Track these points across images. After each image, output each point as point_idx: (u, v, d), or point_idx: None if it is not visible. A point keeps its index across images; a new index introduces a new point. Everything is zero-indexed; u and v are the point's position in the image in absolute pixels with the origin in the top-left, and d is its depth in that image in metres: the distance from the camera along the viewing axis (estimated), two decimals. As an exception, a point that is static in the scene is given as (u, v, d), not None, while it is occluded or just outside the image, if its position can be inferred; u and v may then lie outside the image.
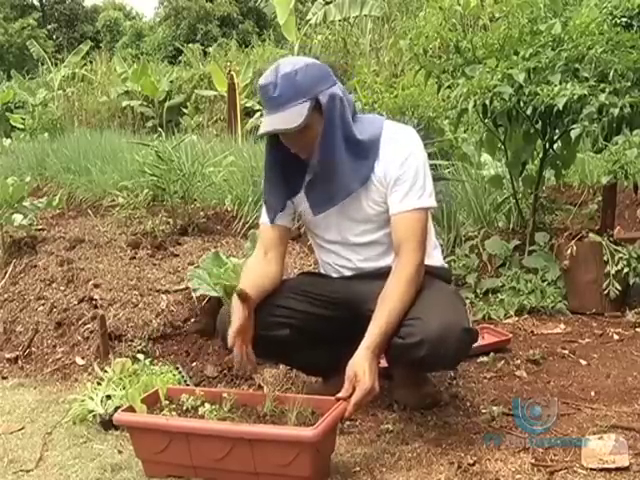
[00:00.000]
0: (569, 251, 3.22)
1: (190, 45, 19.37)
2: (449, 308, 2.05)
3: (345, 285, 2.27)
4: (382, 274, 2.15)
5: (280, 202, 2.24)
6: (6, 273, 4.04)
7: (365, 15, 12.03)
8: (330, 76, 2.12)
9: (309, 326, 2.22)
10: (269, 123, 2.07)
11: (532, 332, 3.03)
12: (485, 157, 4.52)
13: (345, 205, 2.18)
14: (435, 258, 2.29)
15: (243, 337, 2.08)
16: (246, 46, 18.09)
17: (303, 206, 2.27)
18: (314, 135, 2.09)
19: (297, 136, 2.09)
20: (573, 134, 3.38)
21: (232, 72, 10.95)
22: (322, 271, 2.42)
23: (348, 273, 2.30)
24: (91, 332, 3.09)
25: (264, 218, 2.32)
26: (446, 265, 2.43)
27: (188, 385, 2.58)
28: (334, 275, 2.34)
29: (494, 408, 2.23)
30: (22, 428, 2.47)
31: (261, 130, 2.10)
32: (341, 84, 2.16)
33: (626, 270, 3.12)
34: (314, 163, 2.13)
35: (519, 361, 2.68)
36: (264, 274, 2.24)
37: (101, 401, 2.38)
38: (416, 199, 2.13)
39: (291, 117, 2.03)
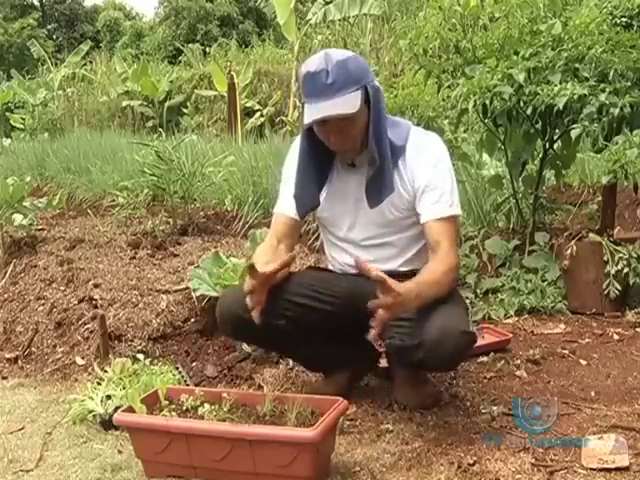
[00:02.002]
0: (569, 251, 3.21)
1: (190, 45, 19.40)
2: (449, 311, 2.03)
3: (350, 281, 2.27)
4: (389, 273, 2.14)
5: (315, 198, 2.22)
6: (6, 273, 4.04)
7: (365, 14, 12.01)
8: (370, 69, 2.12)
9: (307, 320, 2.20)
10: (321, 110, 2.00)
11: (532, 332, 3.03)
12: (485, 157, 4.52)
13: (365, 207, 2.18)
14: None
15: (258, 298, 2.05)
16: (246, 46, 18.11)
17: (320, 202, 2.26)
18: (361, 126, 2.07)
19: (346, 126, 2.05)
20: (573, 134, 3.38)
21: (232, 72, 10.95)
22: (330, 267, 2.42)
23: (354, 271, 2.29)
24: (91, 332, 3.09)
25: (281, 208, 2.30)
26: None
27: (188, 385, 2.58)
28: (339, 272, 2.34)
29: (494, 408, 2.23)
30: (22, 428, 2.47)
31: (312, 117, 2.01)
32: None
33: (626, 270, 3.12)
34: (374, 157, 2.08)
35: (519, 361, 2.68)
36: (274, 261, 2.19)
37: (101, 401, 2.37)
38: (447, 207, 2.13)
39: (346, 103, 1.99)
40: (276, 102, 11.78)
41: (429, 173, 2.13)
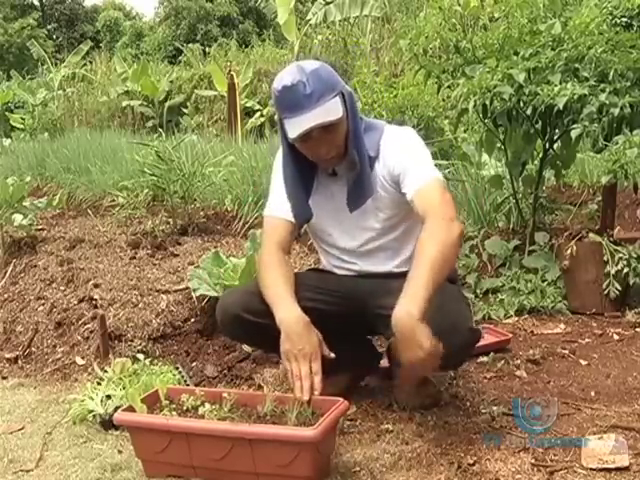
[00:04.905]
0: (569, 251, 3.22)
1: (190, 45, 19.40)
2: (454, 308, 2.03)
3: (351, 281, 2.27)
4: (389, 274, 2.14)
5: (309, 211, 2.19)
6: (6, 273, 4.04)
7: (365, 15, 12.03)
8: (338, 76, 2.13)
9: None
10: (305, 122, 1.97)
11: (532, 332, 3.03)
12: (485, 157, 4.52)
13: (349, 213, 2.17)
14: None
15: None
16: (246, 46, 18.11)
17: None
18: (343, 132, 2.06)
19: (330, 134, 2.03)
20: (573, 134, 3.37)
21: (232, 72, 10.95)
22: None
23: (354, 274, 2.30)
24: (91, 332, 3.09)
25: (280, 212, 2.25)
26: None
27: (188, 385, 2.58)
28: (340, 274, 2.33)
29: (494, 408, 2.23)
30: (22, 428, 2.47)
31: (297, 131, 1.98)
32: None
33: (626, 270, 3.12)
34: (354, 159, 2.07)
35: (519, 361, 2.68)
36: (289, 274, 2.16)
37: (101, 401, 2.37)
38: (429, 171, 2.07)
39: (329, 111, 1.99)
40: (276, 102, 11.76)
41: (404, 158, 2.10)
